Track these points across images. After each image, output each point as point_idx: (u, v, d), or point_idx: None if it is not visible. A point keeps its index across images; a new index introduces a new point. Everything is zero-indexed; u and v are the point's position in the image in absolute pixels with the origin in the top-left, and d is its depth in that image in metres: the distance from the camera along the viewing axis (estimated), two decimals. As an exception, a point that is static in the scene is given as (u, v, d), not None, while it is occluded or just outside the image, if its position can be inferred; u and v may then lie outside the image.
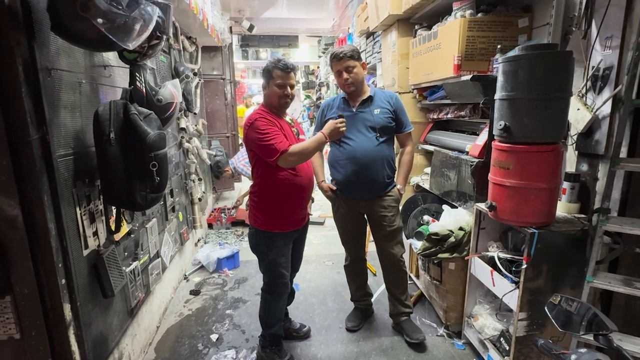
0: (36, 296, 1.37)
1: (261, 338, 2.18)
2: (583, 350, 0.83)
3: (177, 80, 2.28)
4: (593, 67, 1.68)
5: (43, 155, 1.35)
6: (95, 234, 1.68)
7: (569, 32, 1.80)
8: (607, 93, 1.64)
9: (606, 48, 1.63)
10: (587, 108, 1.71)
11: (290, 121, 2.04)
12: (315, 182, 2.17)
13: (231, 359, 2.19)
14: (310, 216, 2.22)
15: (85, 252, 1.60)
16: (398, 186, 2.25)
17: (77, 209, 1.54)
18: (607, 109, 1.64)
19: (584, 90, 1.74)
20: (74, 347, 1.49)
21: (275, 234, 1.98)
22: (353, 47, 2.14)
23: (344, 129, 1.90)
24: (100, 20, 1.24)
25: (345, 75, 2.10)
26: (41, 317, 1.39)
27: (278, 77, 1.87)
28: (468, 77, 2.07)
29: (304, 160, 1.92)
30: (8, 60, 1.22)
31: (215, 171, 4.23)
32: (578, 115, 1.74)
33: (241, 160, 4.12)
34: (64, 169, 1.46)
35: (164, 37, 1.67)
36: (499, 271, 1.86)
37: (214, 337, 2.41)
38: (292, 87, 1.92)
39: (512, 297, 1.77)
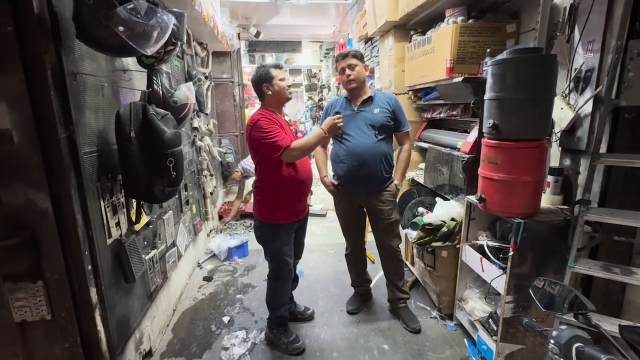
0: (65, 281, 1.39)
1: (269, 320, 2.21)
2: (563, 326, 0.85)
3: (190, 83, 2.30)
4: (576, 69, 1.69)
5: (70, 152, 1.37)
6: (118, 224, 1.71)
7: (554, 36, 1.80)
8: (588, 93, 1.64)
9: (588, 51, 1.63)
10: (570, 107, 1.71)
11: (287, 120, 2.06)
12: (314, 176, 2.19)
13: (242, 338, 2.23)
14: (310, 207, 2.24)
15: (109, 241, 1.63)
16: (395, 182, 2.25)
17: (101, 201, 1.57)
18: (588, 108, 1.65)
19: (567, 91, 1.74)
20: (100, 327, 1.52)
21: (279, 225, 2.00)
22: (357, 49, 2.17)
23: (341, 124, 1.92)
24: (121, 28, 1.26)
25: (348, 71, 2.11)
26: (70, 300, 1.42)
27: (278, 74, 1.92)
28: (459, 79, 2.07)
29: (305, 154, 1.94)
30: (38, 65, 1.24)
31: (225, 171, 4.24)
32: (562, 114, 1.74)
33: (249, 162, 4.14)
34: (89, 165, 1.49)
35: (179, 43, 1.68)
36: (488, 258, 1.88)
37: (225, 319, 2.45)
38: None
39: (499, 282, 1.79)
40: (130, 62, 1.88)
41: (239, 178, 4.27)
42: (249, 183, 4.95)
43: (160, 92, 1.80)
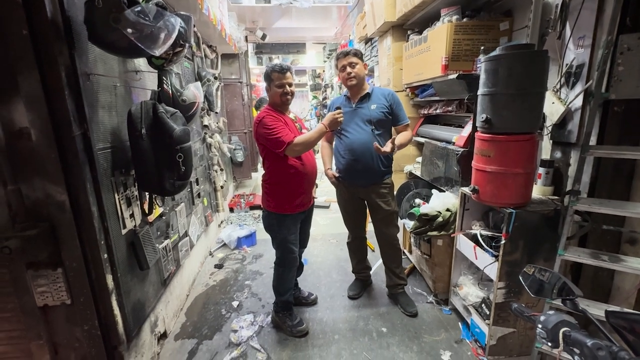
0: (83, 268, 1.40)
1: (275, 304, 2.21)
2: (551, 312, 0.82)
3: (198, 83, 2.27)
4: (567, 64, 1.63)
5: (85, 149, 1.37)
6: (132, 216, 1.71)
7: (546, 33, 1.74)
8: (579, 88, 1.59)
9: (579, 47, 1.58)
10: (561, 102, 1.67)
11: (293, 117, 2.04)
12: (318, 170, 2.16)
13: (250, 322, 2.24)
14: (315, 199, 2.22)
15: (124, 232, 1.63)
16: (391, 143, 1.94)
17: (116, 194, 1.57)
18: (579, 102, 1.60)
19: (558, 86, 1.69)
20: (116, 311, 1.54)
21: (285, 215, 1.99)
22: (357, 48, 2.12)
23: (341, 118, 1.89)
24: (130, 30, 1.24)
25: (349, 69, 2.06)
26: (88, 286, 1.43)
27: (276, 79, 1.87)
28: (454, 76, 2.03)
29: (308, 149, 1.92)
30: (52, 67, 1.23)
31: None
32: (553, 108, 1.70)
33: None
34: (103, 161, 1.48)
35: (187, 45, 1.65)
36: (481, 246, 1.85)
37: (235, 303, 2.46)
38: (290, 85, 1.90)
39: (492, 269, 1.76)
40: (141, 63, 1.86)
41: None
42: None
43: (170, 92, 1.78)
